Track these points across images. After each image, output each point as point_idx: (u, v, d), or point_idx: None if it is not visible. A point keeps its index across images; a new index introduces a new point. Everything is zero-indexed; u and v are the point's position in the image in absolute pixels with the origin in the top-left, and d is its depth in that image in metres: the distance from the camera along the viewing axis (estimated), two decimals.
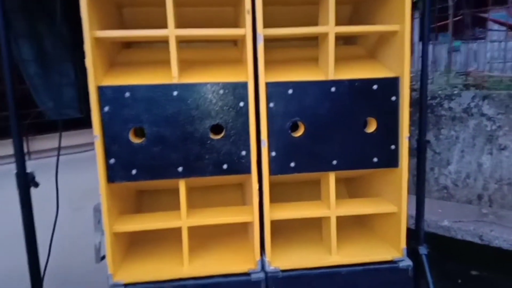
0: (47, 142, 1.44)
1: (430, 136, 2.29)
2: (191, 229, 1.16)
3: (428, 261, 1.55)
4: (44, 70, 1.58)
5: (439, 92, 2.29)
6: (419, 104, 1.56)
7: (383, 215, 1.22)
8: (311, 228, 1.33)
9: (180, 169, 1.05)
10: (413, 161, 1.64)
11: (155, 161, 1.04)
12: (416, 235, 1.62)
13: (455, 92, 2.25)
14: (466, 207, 2.12)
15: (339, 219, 1.21)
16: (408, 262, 1.16)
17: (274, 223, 1.21)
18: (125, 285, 1.07)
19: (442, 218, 1.91)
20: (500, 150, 2.07)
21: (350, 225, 1.35)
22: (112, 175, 1.03)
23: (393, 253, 1.17)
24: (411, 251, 1.63)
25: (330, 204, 1.14)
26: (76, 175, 1.54)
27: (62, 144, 1.59)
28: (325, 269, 1.14)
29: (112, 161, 1.02)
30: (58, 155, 1.25)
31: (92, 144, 1.05)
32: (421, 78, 1.51)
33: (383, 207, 1.18)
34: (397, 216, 1.16)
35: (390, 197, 1.19)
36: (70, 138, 1.57)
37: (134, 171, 1.04)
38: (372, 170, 1.24)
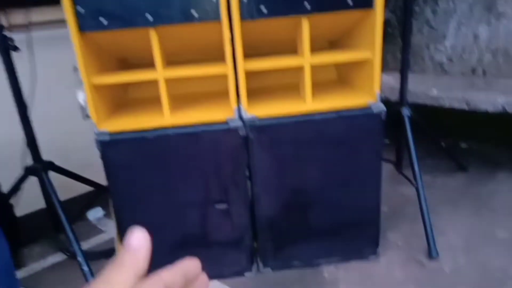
0: (28, 16, 1.44)
1: (427, 11, 2.20)
2: (174, 94, 1.20)
3: (410, 123, 1.60)
4: None
5: None
6: None
7: (358, 64, 1.23)
8: (289, 88, 1.36)
9: (149, 16, 1.05)
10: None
11: (123, 10, 1.04)
12: (400, 96, 1.65)
13: None
14: (458, 79, 2.11)
15: (317, 75, 1.23)
16: (381, 107, 1.19)
17: (252, 80, 1.23)
18: (110, 133, 1.14)
19: (430, 88, 1.91)
20: (498, 19, 1.99)
21: (327, 80, 1.37)
22: (82, 24, 1.04)
23: (367, 99, 1.20)
24: (395, 113, 1.67)
25: (304, 53, 1.14)
26: (65, 52, 1.56)
27: (44, 19, 1.59)
28: (301, 116, 1.19)
29: (80, 9, 1.02)
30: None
31: None
32: None
33: (357, 54, 1.18)
34: (370, 62, 1.17)
35: (366, 45, 1.18)
36: (53, 14, 1.56)
37: (104, 20, 1.04)
38: (351, 24, 1.23)
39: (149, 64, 1.14)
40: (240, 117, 1.18)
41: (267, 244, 1.34)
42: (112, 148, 1.14)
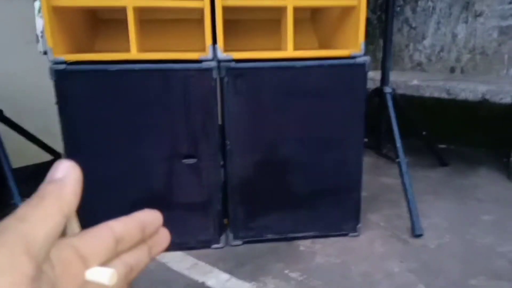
0: None
1: (407, 10, 2.23)
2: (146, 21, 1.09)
3: (392, 99, 1.55)
4: None
5: None
6: None
7: (343, 13, 1.18)
8: (271, 43, 1.28)
9: None
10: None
11: None
12: (382, 76, 1.61)
13: None
14: (438, 74, 2.11)
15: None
16: (364, 58, 1.12)
17: (231, 22, 1.16)
18: (67, 62, 1.01)
19: (411, 79, 1.88)
20: (475, 17, 2.02)
21: (309, 30, 1.31)
22: None
23: (352, 48, 1.13)
24: (377, 92, 1.62)
25: None
26: (27, 5, 1.44)
27: None
28: (280, 62, 1.10)
29: None
30: None
31: None
32: None
33: (342, 1, 1.13)
34: (356, 10, 1.11)
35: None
36: None
37: None
38: None
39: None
40: (215, 58, 1.08)
41: (238, 210, 1.21)
42: (67, 79, 1.02)
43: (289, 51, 1.11)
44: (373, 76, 1.94)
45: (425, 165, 1.96)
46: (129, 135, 1.10)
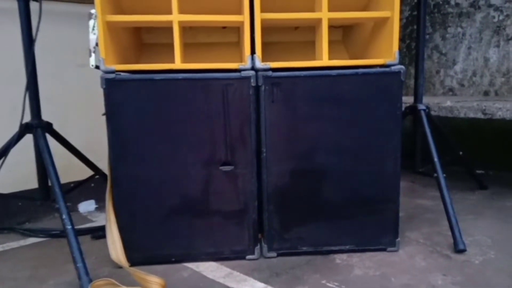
0: None
1: (436, 37, 2.26)
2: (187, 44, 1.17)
3: (427, 116, 1.54)
4: None
5: None
6: None
7: (375, 27, 1.21)
8: (306, 53, 1.33)
9: None
10: None
11: None
12: (415, 93, 1.62)
13: None
14: (471, 97, 2.09)
15: (332, 45, 1.21)
16: (400, 66, 1.14)
17: (268, 45, 1.22)
18: (116, 71, 1.09)
19: (444, 100, 1.88)
20: (507, 41, 2.03)
21: (342, 51, 1.34)
22: None
23: (386, 57, 1.16)
24: (410, 109, 1.62)
25: (322, 7, 1.13)
26: (80, 30, 1.57)
27: None
28: (317, 71, 1.14)
29: None
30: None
31: None
32: None
33: (376, 13, 1.17)
34: (390, 21, 1.15)
35: (384, 6, 1.17)
36: None
37: None
38: None
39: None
40: (253, 68, 1.13)
41: (272, 220, 1.20)
42: (116, 87, 1.08)
43: (324, 60, 1.15)
44: (405, 100, 1.95)
45: (463, 188, 1.90)
46: (170, 142, 1.14)
